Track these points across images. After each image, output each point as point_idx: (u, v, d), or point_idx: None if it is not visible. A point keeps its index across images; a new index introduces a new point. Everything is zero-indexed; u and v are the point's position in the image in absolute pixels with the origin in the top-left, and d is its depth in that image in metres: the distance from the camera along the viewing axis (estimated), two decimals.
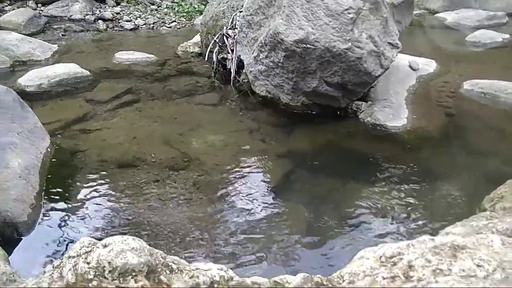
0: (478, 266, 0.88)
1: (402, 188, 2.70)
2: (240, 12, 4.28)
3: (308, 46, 3.10)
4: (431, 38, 6.73)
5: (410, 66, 4.25)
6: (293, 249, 2.21)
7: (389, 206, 2.54)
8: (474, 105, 3.83)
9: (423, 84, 4.08)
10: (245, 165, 2.97)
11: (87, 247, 1.08)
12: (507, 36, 6.07)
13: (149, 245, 1.22)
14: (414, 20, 7.08)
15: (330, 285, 1.06)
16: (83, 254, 1.07)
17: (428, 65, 4.49)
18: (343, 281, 1.06)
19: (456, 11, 7.63)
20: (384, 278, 0.93)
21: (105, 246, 1.05)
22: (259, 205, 2.55)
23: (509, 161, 2.88)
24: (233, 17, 4.57)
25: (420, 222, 2.42)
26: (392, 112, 3.45)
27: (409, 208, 2.52)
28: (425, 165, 2.96)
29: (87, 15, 7.31)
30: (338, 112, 3.59)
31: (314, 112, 3.65)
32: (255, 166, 2.98)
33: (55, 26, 6.79)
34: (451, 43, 6.24)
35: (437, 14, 7.74)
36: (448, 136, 3.32)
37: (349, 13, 2.98)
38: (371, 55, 3.10)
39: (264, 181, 2.82)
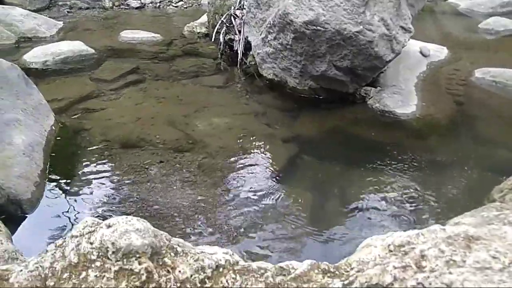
0: (494, 258, 0.85)
1: (409, 176, 2.67)
2: None
3: (318, 28, 3.03)
4: (443, 24, 6.58)
5: (421, 52, 4.17)
6: (298, 235, 2.19)
7: (395, 193, 2.51)
8: (485, 94, 3.76)
9: (433, 71, 4.00)
10: (250, 148, 2.94)
11: (91, 227, 1.06)
12: None
13: (153, 226, 1.19)
14: (426, 6, 6.93)
15: (338, 272, 1.03)
16: (86, 234, 1.04)
17: (439, 52, 4.40)
18: (351, 268, 1.04)
19: None
20: (395, 268, 0.90)
21: (109, 226, 1.03)
22: (263, 190, 2.52)
23: None
24: None
25: (427, 211, 2.39)
26: (401, 99, 3.39)
27: (416, 196, 2.49)
28: (434, 153, 2.92)
29: None
30: (346, 98, 3.53)
31: (321, 97, 3.59)
32: (260, 150, 2.94)
33: (61, 3, 6.71)
34: (463, 30, 6.10)
35: (450, 0, 7.57)
36: (457, 124, 3.26)
37: None
38: (383, 39, 3.02)
39: (269, 166, 2.79)
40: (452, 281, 0.80)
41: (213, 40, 4.75)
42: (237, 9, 4.45)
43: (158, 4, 7.04)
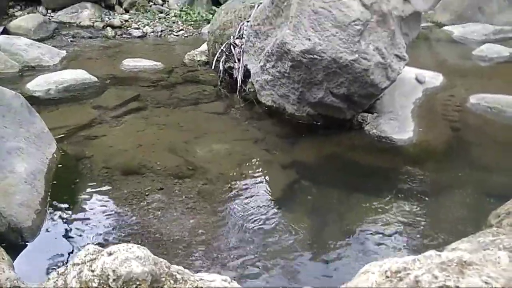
0: (486, 283, 0.87)
1: (407, 202, 2.69)
2: (248, 21, 4.32)
3: (315, 56, 3.11)
4: (438, 51, 6.73)
5: (417, 79, 4.25)
6: (297, 261, 2.20)
7: (393, 219, 2.52)
8: (480, 119, 3.82)
9: (429, 97, 4.07)
10: (250, 174, 2.97)
11: (92, 254, 1.08)
12: None
13: (153, 253, 1.21)
14: (421, 33, 7.10)
15: None
16: (88, 261, 1.06)
17: (434, 79, 4.48)
18: None
19: (463, 25, 7.64)
20: None
21: (110, 254, 1.05)
22: (263, 216, 2.54)
23: None
24: (241, 27, 4.60)
25: (425, 237, 2.40)
26: (398, 125, 3.44)
27: (413, 222, 2.51)
28: (431, 179, 2.94)
29: (96, 21, 7.39)
30: (344, 124, 3.59)
31: (319, 123, 3.65)
32: (259, 176, 2.97)
33: (64, 32, 6.86)
34: (457, 56, 6.24)
35: (444, 28, 7.76)
36: (453, 150, 3.31)
37: (357, 25, 2.99)
38: (378, 67, 3.10)
39: (268, 191, 2.81)
40: None
41: (213, 68, 4.85)
42: (237, 38, 4.56)
43: (160, 33, 7.20)
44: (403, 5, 3.30)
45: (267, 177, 2.98)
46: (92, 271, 1.06)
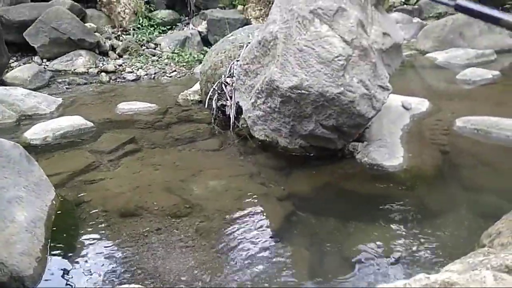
0: None
1: (402, 227, 2.73)
2: (237, 61, 4.49)
3: (303, 91, 3.24)
4: (422, 77, 6.95)
5: (403, 106, 4.39)
6: None
7: (389, 246, 2.56)
8: (468, 142, 3.92)
9: (416, 123, 4.20)
10: (247, 209, 3.01)
11: None
12: (497, 72, 6.27)
13: None
14: (406, 61, 7.37)
15: None
16: None
17: (420, 104, 4.63)
18: None
19: (446, 50, 7.92)
20: None
21: None
22: (261, 249, 2.57)
23: (504, 195, 2.92)
24: (231, 66, 4.77)
25: (421, 261, 2.44)
26: (388, 152, 3.53)
27: (410, 247, 2.54)
28: (423, 203, 3.00)
29: (90, 68, 7.61)
30: (335, 154, 3.68)
31: (312, 154, 3.73)
32: (256, 210, 3.02)
33: (60, 80, 7.05)
34: (442, 81, 6.44)
35: (428, 54, 8.03)
36: (443, 173, 3.38)
37: (340, 60, 3.14)
38: (363, 98, 3.23)
39: (265, 225, 2.85)
40: None
41: (206, 106, 4.99)
42: (228, 77, 4.72)
43: (153, 75, 7.41)
44: (382, 38, 3.47)
45: (264, 211, 3.02)
46: None
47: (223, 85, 4.73)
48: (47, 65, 7.67)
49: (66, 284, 2.29)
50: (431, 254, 2.47)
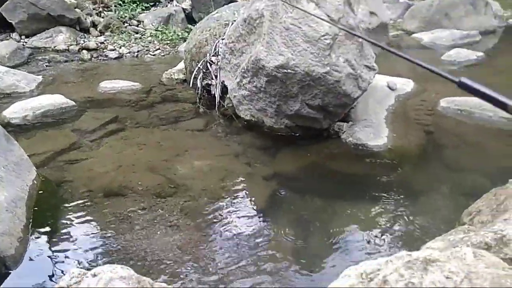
0: (447, 278, 0.94)
1: (385, 206, 2.77)
2: (223, 39, 4.41)
3: (289, 71, 3.21)
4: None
5: (389, 86, 4.40)
6: (282, 271, 2.24)
7: (373, 223, 2.60)
8: (451, 122, 3.97)
9: (401, 103, 4.22)
10: (232, 189, 3.01)
11: (77, 277, 1.11)
12: (481, 53, 6.33)
13: (138, 273, 1.25)
14: (392, 41, 7.36)
15: None
16: (73, 284, 1.09)
17: (405, 85, 4.65)
18: None
19: (432, 31, 7.94)
20: None
21: (94, 275, 1.08)
22: (246, 229, 2.58)
23: (485, 174, 2.99)
24: (216, 44, 4.68)
25: (404, 238, 2.48)
26: (373, 132, 3.56)
27: (393, 225, 2.59)
28: (407, 182, 3.05)
29: (71, 45, 7.39)
30: (321, 134, 3.68)
31: (297, 134, 3.73)
32: (241, 190, 3.02)
33: (39, 57, 6.83)
34: (427, 62, 6.44)
35: (414, 35, 8.04)
36: (427, 153, 3.43)
37: (326, 39, 3.10)
38: (349, 78, 3.22)
39: (250, 204, 2.86)
40: None
41: (191, 85, 4.91)
42: (213, 55, 4.64)
43: (136, 53, 7.24)
44: (369, 17, 3.44)
45: (249, 190, 3.03)
46: None
47: (208, 64, 4.65)
48: (26, 42, 7.41)
49: (49, 264, 2.27)
50: (413, 232, 2.51)
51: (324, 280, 2.18)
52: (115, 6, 8.67)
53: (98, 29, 8.00)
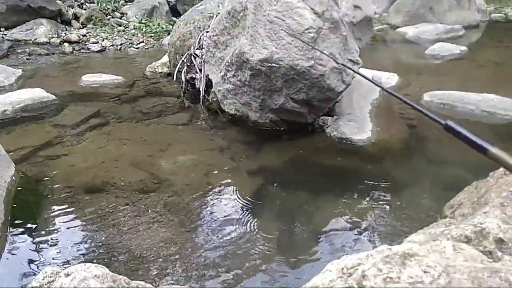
0: (425, 272, 0.94)
1: (369, 200, 2.79)
2: (207, 32, 4.36)
3: (273, 65, 3.19)
4: (393, 52, 7.00)
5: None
6: (266, 266, 2.23)
7: (358, 217, 2.61)
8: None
9: (386, 98, 4.24)
10: (216, 183, 2.99)
11: (50, 277, 1.08)
12: (464, 48, 6.40)
13: (119, 270, 1.22)
14: (377, 35, 7.39)
15: None
16: (45, 284, 1.06)
17: (390, 79, 4.67)
18: None
19: (416, 25, 8.00)
20: None
21: (67, 275, 1.05)
22: (231, 223, 2.57)
23: (467, 168, 3.02)
24: (200, 37, 4.63)
25: (387, 231, 2.50)
26: (357, 126, 3.56)
27: (376, 218, 2.60)
28: (390, 176, 3.06)
29: (52, 38, 7.24)
30: (306, 128, 3.68)
31: (282, 128, 3.72)
32: (226, 184, 3.00)
33: (19, 50, 6.69)
34: (412, 56, 6.52)
35: (398, 29, 8.09)
36: (410, 147, 3.45)
37: (310, 33, 3.09)
38: (333, 72, 3.21)
39: (235, 199, 2.84)
40: None
41: (175, 79, 4.86)
42: (197, 49, 4.60)
43: (119, 46, 7.13)
44: (353, 11, 3.43)
45: (233, 185, 3.01)
46: None
47: (192, 57, 4.61)
48: (5, 34, 7.24)
49: (27, 263, 2.21)
50: (396, 225, 2.53)
51: (308, 274, 2.17)
52: None
53: (80, 21, 7.85)
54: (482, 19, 8.78)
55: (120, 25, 7.90)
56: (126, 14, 8.33)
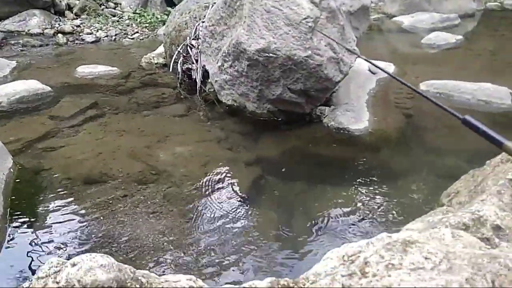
0: (426, 258, 0.96)
1: (367, 188, 2.81)
2: (203, 22, 4.33)
3: (270, 55, 3.18)
4: (389, 41, 7.00)
5: (370, 70, 4.42)
6: (265, 255, 2.25)
7: (356, 206, 2.64)
8: (431, 105, 3.97)
9: (382, 87, 4.25)
10: (214, 174, 3.00)
11: (56, 266, 1.09)
12: (460, 37, 6.41)
13: (120, 260, 1.23)
14: (373, 25, 7.38)
15: (296, 287, 1.11)
16: (52, 274, 1.07)
17: (386, 68, 4.67)
18: (308, 281, 1.12)
19: (412, 14, 7.99)
20: (342, 276, 0.99)
21: (73, 264, 1.06)
22: (229, 214, 2.58)
23: (463, 156, 3.05)
24: (196, 28, 4.60)
25: (385, 220, 2.52)
26: (354, 116, 3.58)
27: (374, 207, 2.62)
28: (387, 165, 3.09)
29: (46, 28, 7.16)
30: (303, 118, 3.69)
31: (280, 119, 3.73)
32: (224, 175, 3.01)
33: (13, 42, 6.61)
34: (408, 45, 6.52)
35: (394, 18, 8.08)
36: (407, 136, 3.48)
37: (308, 22, 3.08)
38: (331, 62, 3.21)
39: (233, 189, 2.85)
40: (391, 283, 0.90)
41: (171, 70, 4.83)
42: (193, 39, 4.56)
43: (114, 37, 7.07)
44: (351, 0, 3.42)
45: (232, 176, 3.02)
46: (57, 282, 1.07)
47: (188, 48, 4.58)
48: None
49: (27, 254, 2.22)
50: (394, 214, 2.56)
51: (307, 262, 2.20)
52: None
53: (73, 12, 7.76)
54: (478, 7, 8.78)
55: (114, 16, 7.82)
56: (120, 4, 8.25)
